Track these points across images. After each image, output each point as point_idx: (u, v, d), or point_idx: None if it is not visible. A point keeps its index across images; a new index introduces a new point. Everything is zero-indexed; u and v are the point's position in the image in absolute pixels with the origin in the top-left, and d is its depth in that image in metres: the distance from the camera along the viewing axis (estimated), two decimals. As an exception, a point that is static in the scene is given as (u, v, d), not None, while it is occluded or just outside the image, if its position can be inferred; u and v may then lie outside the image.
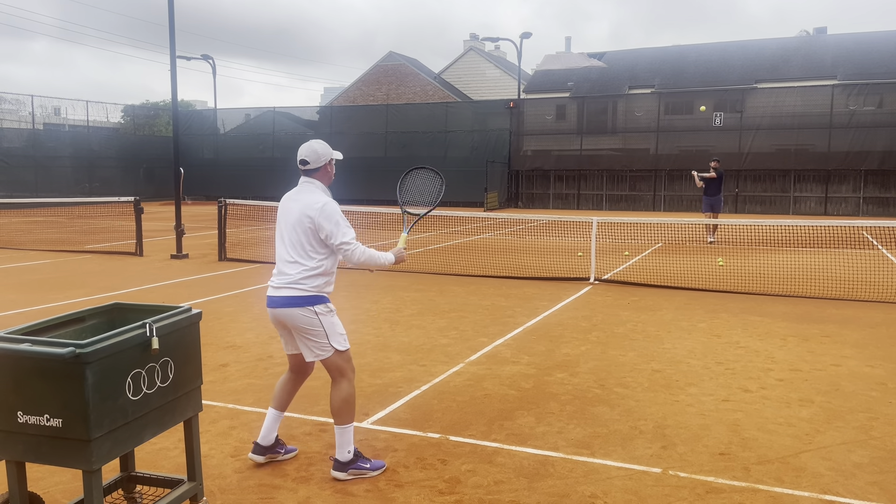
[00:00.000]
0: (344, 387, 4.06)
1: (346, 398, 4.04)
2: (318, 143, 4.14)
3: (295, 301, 3.95)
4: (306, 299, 3.95)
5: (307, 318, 3.95)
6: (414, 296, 9.72)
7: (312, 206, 3.97)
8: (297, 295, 3.95)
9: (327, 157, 4.12)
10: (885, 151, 26.68)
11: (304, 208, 3.99)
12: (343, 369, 4.07)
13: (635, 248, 15.47)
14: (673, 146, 29.93)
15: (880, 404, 5.29)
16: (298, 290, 3.95)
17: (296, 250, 4.00)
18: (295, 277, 3.97)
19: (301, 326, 3.97)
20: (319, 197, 4.03)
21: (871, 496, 3.81)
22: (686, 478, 4.03)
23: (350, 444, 4.05)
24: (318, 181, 4.11)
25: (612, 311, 8.71)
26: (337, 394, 4.06)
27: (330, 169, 4.17)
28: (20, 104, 32.38)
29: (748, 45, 34.71)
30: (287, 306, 3.96)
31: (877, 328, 7.86)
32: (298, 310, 3.95)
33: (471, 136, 32.65)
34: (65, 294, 9.74)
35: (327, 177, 4.16)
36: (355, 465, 4.03)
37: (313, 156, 4.07)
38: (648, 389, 5.62)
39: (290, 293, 3.96)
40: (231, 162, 35.84)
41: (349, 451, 4.03)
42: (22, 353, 2.81)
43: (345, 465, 4.02)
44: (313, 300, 3.97)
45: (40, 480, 3.91)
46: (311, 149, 4.09)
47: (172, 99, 14.68)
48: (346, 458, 4.02)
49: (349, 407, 4.05)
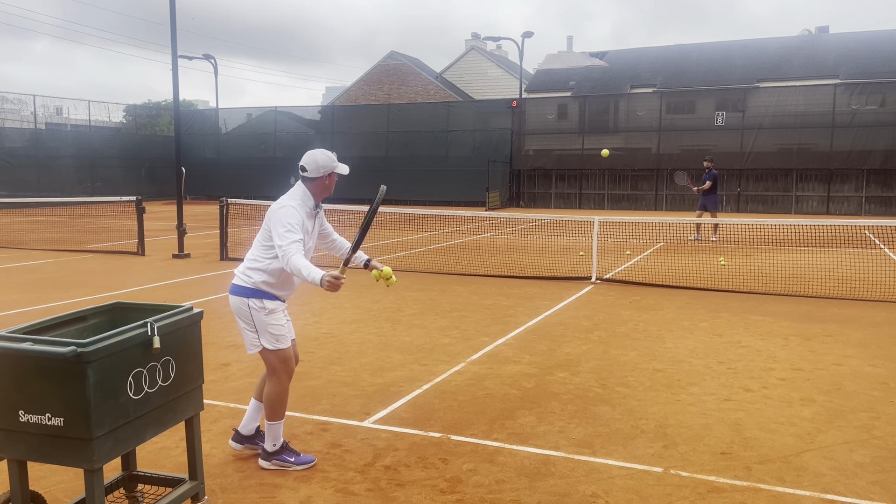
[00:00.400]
0: (273, 386, 4.12)
1: (273, 397, 4.10)
2: (322, 153, 4.07)
3: (235, 289, 4.07)
4: (243, 290, 4.03)
5: (241, 309, 4.04)
6: (415, 295, 9.72)
7: (273, 207, 4.05)
8: (238, 284, 4.06)
9: (327, 170, 4.08)
10: (888, 150, 26.64)
11: (270, 211, 4.06)
12: (274, 368, 4.10)
13: (637, 247, 15.45)
14: (675, 145, 29.90)
15: (882, 404, 5.28)
16: (239, 279, 4.06)
17: (255, 245, 4.12)
18: (242, 268, 4.08)
19: (237, 316, 4.09)
20: (284, 200, 4.07)
21: (872, 496, 3.81)
22: (687, 477, 4.03)
23: (278, 439, 4.14)
24: (306, 189, 4.09)
25: (613, 311, 8.71)
26: (267, 390, 4.15)
27: (328, 182, 4.12)
28: (22, 104, 32.43)
29: (750, 44, 34.66)
30: (231, 293, 4.08)
31: (879, 327, 7.85)
32: (236, 299, 4.05)
33: (472, 135, 32.64)
34: (66, 293, 9.75)
35: (322, 189, 4.11)
36: (280, 456, 4.13)
37: (312, 164, 4.06)
38: (650, 389, 5.61)
39: (235, 281, 4.09)
40: (233, 161, 35.84)
41: (275, 444, 4.13)
42: (24, 352, 2.82)
43: (270, 454, 4.13)
44: (249, 293, 4.02)
45: (42, 479, 3.91)
46: (312, 157, 4.07)
47: (174, 98, 14.70)
48: (272, 448, 4.13)
49: (277, 406, 4.11)
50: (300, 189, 4.11)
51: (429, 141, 33.06)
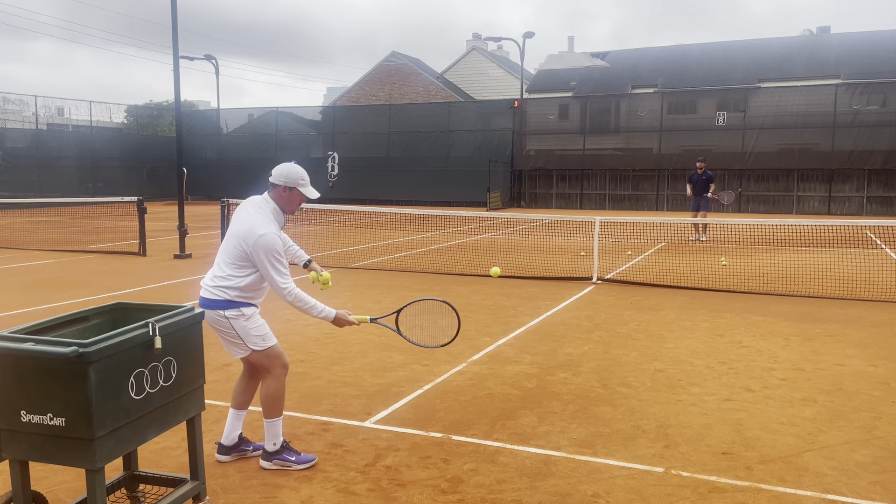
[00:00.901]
0: (269, 382, 4.12)
1: (271, 393, 4.11)
2: (292, 166, 4.09)
3: (208, 303, 4.03)
4: (217, 303, 4.01)
5: (219, 321, 4.03)
6: (417, 295, 9.72)
7: (251, 235, 3.93)
8: (210, 298, 4.03)
9: (290, 182, 4.05)
10: (889, 150, 26.62)
11: (245, 232, 3.96)
12: (268, 366, 4.11)
13: (638, 247, 15.45)
14: (676, 146, 29.88)
15: (883, 404, 5.28)
16: (212, 294, 4.03)
17: (225, 257, 4.05)
18: (213, 282, 4.05)
19: (216, 328, 4.07)
20: (264, 225, 3.96)
21: (873, 496, 3.81)
22: (688, 477, 4.03)
23: (277, 437, 4.13)
24: (273, 202, 4.09)
25: (614, 311, 8.71)
26: (264, 388, 4.14)
27: (285, 194, 4.07)
28: (24, 104, 32.48)
29: (751, 44, 34.65)
30: (204, 307, 4.02)
31: (880, 328, 7.84)
32: (211, 312, 4.01)
33: (474, 135, 32.66)
34: (68, 294, 9.76)
35: (283, 202, 4.09)
36: (280, 455, 4.12)
37: (276, 172, 4.08)
38: (651, 389, 5.62)
39: (205, 295, 4.05)
40: (234, 162, 35.87)
41: (275, 442, 4.12)
42: (25, 352, 2.82)
43: (270, 454, 4.13)
44: (223, 305, 4.00)
45: (44, 479, 3.92)
46: (280, 167, 4.11)
47: (175, 99, 14.71)
48: (272, 448, 4.12)
49: (274, 402, 4.11)
50: (270, 205, 4.08)
51: (430, 141, 33.08)
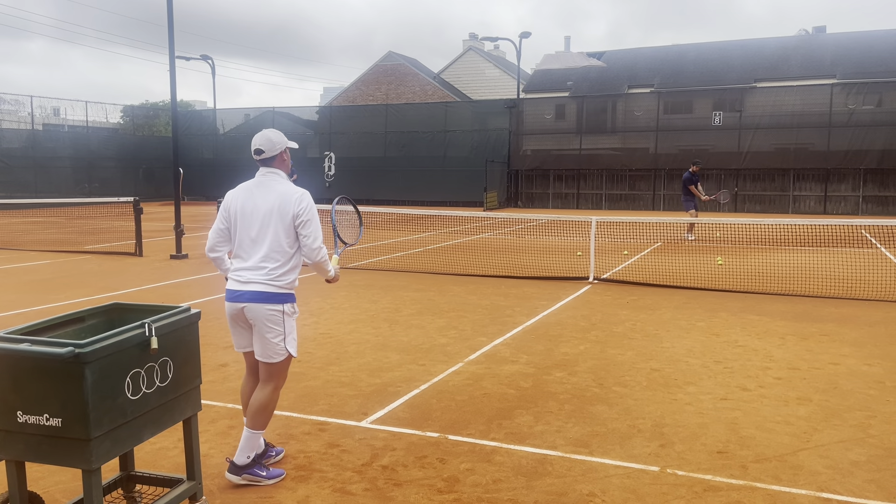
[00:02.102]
0: (268, 392, 3.97)
1: (265, 404, 3.96)
2: (273, 131, 4.07)
3: (265, 297, 3.85)
4: (278, 296, 3.88)
5: (273, 316, 3.87)
6: (413, 295, 9.73)
7: (291, 198, 3.90)
8: (270, 291, 3.86)
9: (282, 146, 4.04)
10: (884, 150, 26.69)
11: (282, 201, 3.89)
12: (276, 375, 3.98)
13: (634, 247, 15.47)
14: (672, 145, 29.93)
15: (878, 402, 5.30)
16: (272, 287, 3.86)
17: (269, 244, 3.89)
18: (270, 274, 3.87)
19: (265, 324, 3.87)
20: (294, 187, 3.98)
21: (868, 494, 3.82)
22: (684, 476, 4.04)
23: (252, 451, 3.95)
24: (279, 169, 4.05)
25: (610, 311, 8.72)
26: (261, 396, 3.97)
27: (286, 157, 4.09)
28: (19, 105, 32.41)
29: (747, 44, 34.72)
30: (257, 301, 3.84)
31: (875, 327, 7.87)
32: (267, 306, 3.85)
33: (470, 135, 32.66)
34: (64, 294, 9.75)
35: (285, 165, 4.08)
36: (251, 470, 3.94)
37: (268, 144, 4.00)
38: (647, 388, 5.63)
39: (261, 288, 3.85)
40: (230, 162, 35.78)
41: (249, 455, 3.94)
42: (21, 352, 2.82)
43: (240, 468, 3.92)
44: (284, 298, 3.91)
45: (40, 480, 3.92)
46: (266, 137, 4.02)
47: (172, 99, 14.70)
48: (243, 461, 3.93)
49: (265, 413, 3.97)
50: (277, 173, 4.02)
51: (427, 141, 33.08)
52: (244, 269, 3.92)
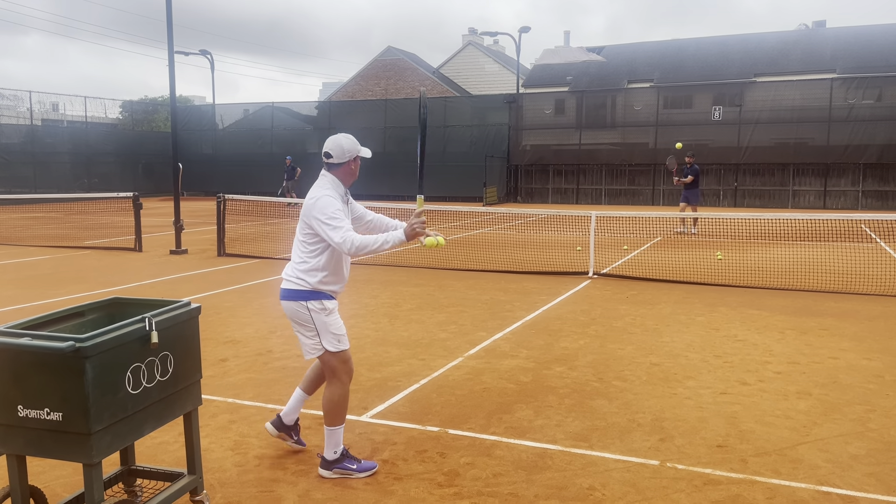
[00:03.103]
0: (334, 388, 3.99)
1: (337, 401, 3.97)
2: (346, 137, 4.02)
3: (291, 294, 3.95)
4: (300, 293, 3.93)
5: (300, 313, 3.93)
6: (413, 290, 9.73)
7: (308, 202, 3.96)
8: (292, 288, 3.95)
9: (352, 154, 4.01)
10: (884, 145, 26.67)
11: (305, 203, 3.98)
12: (335, 370, 3.99)
13: (634, 242, 15.48)
14: (672, 140, 29.86)
15: (877, 396, 5.31)
16: (293, 284, 3.95)
17: (298, 245, 4.01)
18: (292, 273, 3.98)
19: (295, 321, 3.98)
20: (317, 192, 3.97)
21: (867, 487, 3.83)
22: (684, 470, 4.05)
23: (338, 445, 3.98)
24: (333, 176, 4.03)
25: (610, 305, 8.73)
26: (328, 394, 4.00)
27: (353, 167, 4.06)
28: (18, 100, 32.39)
29: (747, 38, 34.65)
30: (286, 299, 3.97)
31: (875, 321, 7.88)
32: (293, 303, 3.94)
33: (470, 130, 32.62)
34: (64, 290, 9.75)
35: (349, 174, 4.06)
36: (341, 464, 3.97)
37: (337, 150, 3.99)
38: (647, 383, 5.64)
39: (287, 286, 3.98)
40: (230, 157, 35.79)
41: (336, 451, 3.98)
42: (22, 347, 2.82)
43: (330, 463, 3.97)
44: (306, 295, 3.92)
45: (41, 474, 3.92)
46: (337, 143, 3.99)
47: (171, 95, 14.67)
48: (332, 457, 3.98)
49: (338, 410, 3.98)
50: (327, 177, 4.03)
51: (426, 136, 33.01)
52: (286, 267, 4.09)
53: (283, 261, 12.65)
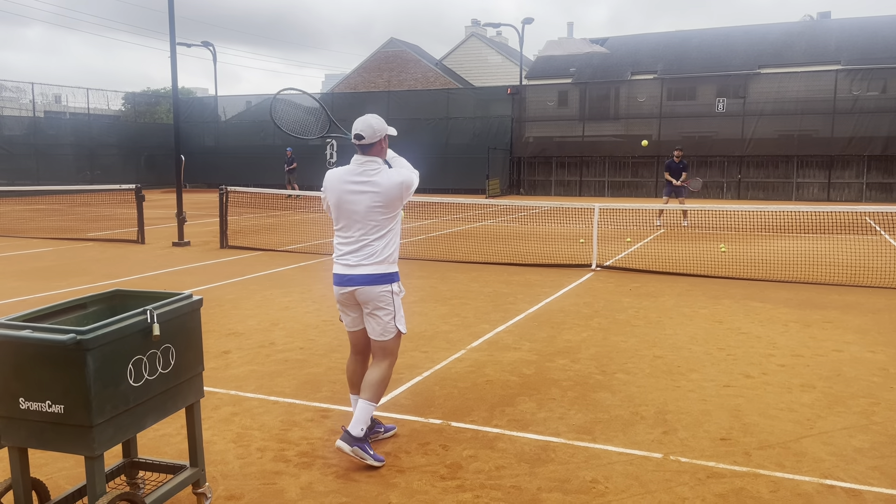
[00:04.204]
0: (386, 367, 4.15)
1: (384, 378, 4.13)
2: (374, 117, 4.06)
3: (378, 279, 4.02)
4: (388, 277, 4.06)
5: (385, 296, 4.06)
6: (416, 283, 9.72)
7: (393, 182, 4.03)
8: (381, 272, 4.03)
9: (383, 133, 4.06)
10: (889, 137, 26.54)
11: (385, 186, 4.00)
12: (393, 351, 4.19)
13: (637, 234, 15.44)
14: (675, 132, 29.79)
15: (882, 389, 5.29)
16: (382, 267, 4.04)
17: (374, 229, 4.02)
18: (377, 257, 4.03)
19: (378, 305, 4.06)
20: (394, 172, 4.08)
21: (872, 481, 3.82)
22: (687, 463, 4.04)
23: (366, 423, 4.05)
24: (377, 157, 4.08)
25: (613, 298, 8.71)
26: (377, 371, 4.13)
27: (384, 144, 4.13)
28: (21, 92, 32.32)
29: (751, 30, 34.50)
30: (370, 284, 4.01)
31: (879, 314, 7.85)
32: (380, 287, 4.03)
33: (472, 122, 32.53)
34: (67, 282, 9.75)
35: (383, 152, 4.13)
36: (362, 445, 3.99)
37: (369, 131, 4.00)
38: (650, 375, 5.62)
39: (373, 271, 4.02)
40: (232, 149, 35.74)
41: (362, 428, 4.02)
42: (23, 339, 2.82)
43: (354, 439, 3.98)
44: (392, 277, 4.08)
45: (43, 466, 3.93)
46: (367, 123, 4.01)
47: (173, 86, 14.64)
48: (359, 434, 4.00)
49: (382, 387, 4.13)
50: (375, 161, 4.06)
51: (429, 128, 32.95)
52: (350, 254, 4.06)
53: (285, 253, 12.65)
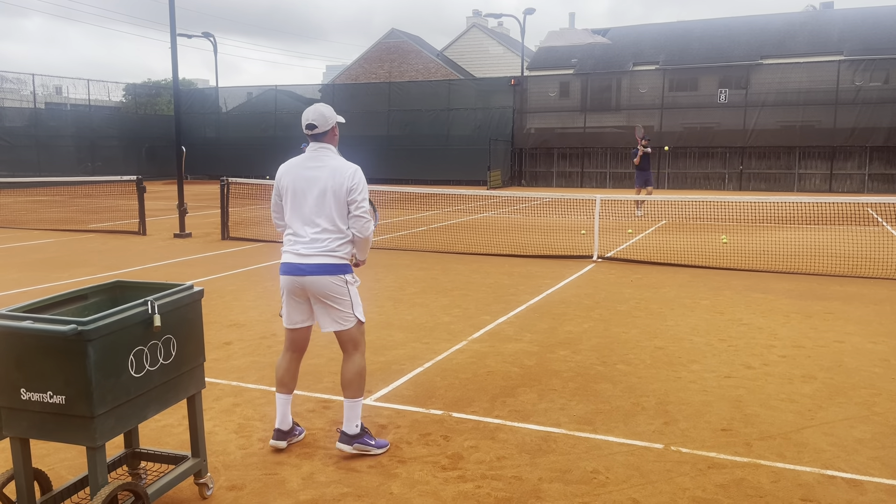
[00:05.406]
0: (357, 360, 4.09)
1: (360, 371, 4.08)
2: (324, 106, 4.05)
3: (327, 269, 3.93)
4: (339, 267, 3.97)
5: (338, 286, 3.96)
6: (417, 274, 9.72)
7: (345, 173, 3.95)
8: (331, 262, 3.94)
9: (334, 121, 4.06)
10: (891, 128, 26.47)
11: (336, 175, 3.94)
12: (359, 341, 4.12)
13: (638, 225, 15.43)
14: (677, 123, 29.74)
15: (883, 380, 5.29)
16: (331, 258, 3.95)
17: (326, 218, 3.95)
18: (329, 245, 3.94)
19: (330, 294, 3.96)
20: (346, 163, 4.01)
21: (872, 471, 3.82)
22: (688, 453, 4.05)
23: (358, 419, 4.05)
24: (331, 145, 4.07)
25: (614, 289, 8.70)
26: (351, 367, 4.07)
27: (336, 132, 4.11)
28: (21, 83, 32.24)
29: (754, 20, 34.35)
30: (318, 274, 3.92)
31: (880, 304, 7.85)
32: (331, 277, 3.93)
33: (474, 113, 32.46)
34: (68, 273, 9.76)
35: (335, 140, 4.12)
36: (361, 440, 4.02)
37: (321, 119, 4.00)
38: (651, 366, 5.62)
39: (322, 260, 3.93)
40: (233, 140, 35.71)
41: (357, 425, 4.03)
42: (24, 330, 2.82)
43: (352, 437, 4.01)
44: (345, 268, 4.00)
45: (45, 457, 3.94)
46: (318, 112, 4.01)
47: (174, 78, 14.60)
48: (354, 431, 4.02)
49: (361, 380, 4.08)
50: (328, 148, 4.04)
51: (430, 119, 32.88)
52: (301, 244, 3.99)
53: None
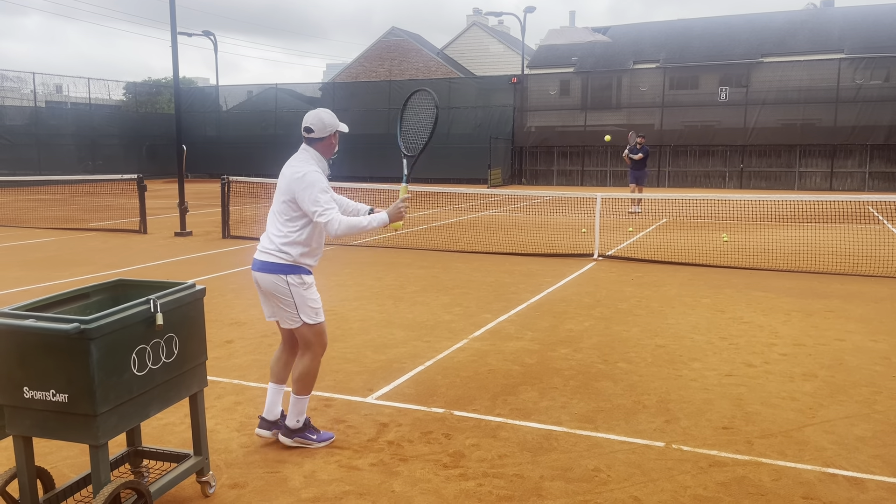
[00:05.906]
0: (306, 360, 4.10)
1: (307, 371, 4.09)
2: (326, 112, 4.06)
3: (269, 267, 3.98)
4: (280, 267, 3.97)
5: (279, 286, 3.98)
6: (418, 272, 9.73)
7: (294, 175, 3.96)
8: (272, 261, 3.98)
9: (332, 129, 4.06)
10: (892, 126, 26.44)
11: (289, 176, 3.98)
12: (310, 343, 4.09)
13: (639, 223, 15.43)
14: (678, 121, 29.72)
15: (884, 378, 5.29)
16: (274, 257, 3.98)
17: (278, 217, 4.03)
18: (273, 244, 4.00)
19: (273, 293, 4.01)
20: (304, 167, 3.98)
21: (873, 469, 3.83)
22: (689, 451, 4.05)
23: (302, 415, 4.12)
24: (315, 151, 4.07)
25: (615, 287, 8.71)
26: (298, 365, 4.12)
27: (333, 141, 4.11)
28: (22, 82, 32.22)
29: (754, 18, 34.32)
30: (263, 271, 4.00)
31: (881, 303, 7.85)
32: (272, 276, 3.97)
33: (474, 112, 32.44)
34: (69, 271, 9.77)
35: (329, 149, 4.11)
36: (302, 434, 4.12)
37: (319, 125, 4.02)
38: (652, 364, 5.63)
39: (267, 258, 4.00)
40: (234, 139, 35.70)
41: (298, 420, 4.11)
42: (27, 328, 2.82)
43: (292, 431, 4.12)
44: (286, 269, 3.97)
45: (48, 455, 3.94)
46: (318, 117, 4.03)
47: (174, 76, 14.60)
48: (295, 425, 4.11)
49: (309, 380, 4.11)
50: (310, 152, 4.05)
51: (430, 118, 32.84)
52: (262, 240, 4.11)
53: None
